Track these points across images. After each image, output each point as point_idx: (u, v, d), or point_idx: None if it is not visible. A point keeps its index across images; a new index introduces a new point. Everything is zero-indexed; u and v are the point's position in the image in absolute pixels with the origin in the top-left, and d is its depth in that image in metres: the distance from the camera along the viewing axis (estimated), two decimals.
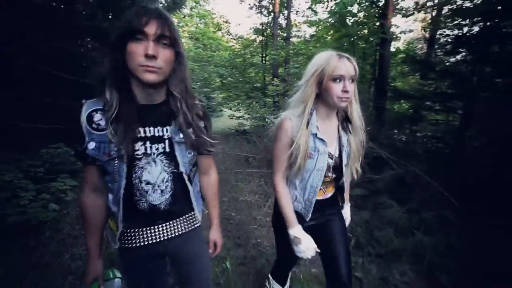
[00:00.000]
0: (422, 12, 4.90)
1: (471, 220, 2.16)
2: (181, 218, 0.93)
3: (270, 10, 11.13)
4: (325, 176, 1.12)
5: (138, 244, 0.87)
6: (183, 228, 0.93)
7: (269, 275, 1.56)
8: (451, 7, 3.65)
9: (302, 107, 1.06)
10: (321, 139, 1.08)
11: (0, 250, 2.01)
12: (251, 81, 9.74)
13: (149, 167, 0.81)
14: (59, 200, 2.49)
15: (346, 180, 1.22)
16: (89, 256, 0.90)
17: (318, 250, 1.10)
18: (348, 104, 1.04)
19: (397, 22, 7.16)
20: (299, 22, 12.62)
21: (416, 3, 4.46)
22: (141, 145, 0.80)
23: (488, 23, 2.75)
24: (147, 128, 0.80)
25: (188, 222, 0.95)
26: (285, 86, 7.01)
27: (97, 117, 0.77)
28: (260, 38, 11.05)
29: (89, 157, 0.78)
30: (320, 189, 1.14)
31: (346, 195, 1.30)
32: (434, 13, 4.87)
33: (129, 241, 0.87)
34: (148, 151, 0.81)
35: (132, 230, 0.86)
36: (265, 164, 4.40)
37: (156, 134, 0.82)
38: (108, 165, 0.79)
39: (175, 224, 0.91)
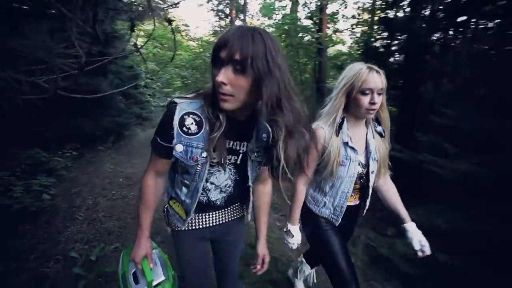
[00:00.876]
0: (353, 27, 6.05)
1: None
2: (232, 206, 1.02)
3: (227, 13, 11.73)
4: (355, 183, 1.17)
5: (192, 228, 0.98)
6: (233, 215, 1.03)
7: (302, 255, 1.73)
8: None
9: (333, 117, 1.11)
10: (352, 148, 1.13)
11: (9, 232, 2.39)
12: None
13: (218, 173, 0.88)
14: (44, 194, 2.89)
15: (384, 190, 1.26)
16: (142, 235, 0.93)
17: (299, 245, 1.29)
18: (378, 112, 1.12)
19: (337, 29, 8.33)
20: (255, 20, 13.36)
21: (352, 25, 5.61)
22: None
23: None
24: (227, 140, 0.82)
25: (238, 209, 1.05)
26: None
27: (188, 120, 0.78)
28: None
29: (171, 155, 0.82)
30: (351, 195, 1.20)
31: (402, 211, 1.21)
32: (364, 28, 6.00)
33: (186, 225, 0.97)
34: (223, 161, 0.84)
35: (191, 216, 0.95)
36: None
37: (234, 148, 0.85)
38: (192, 168, 0.83)
39: (226, 212, 1.01)
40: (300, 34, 5.40)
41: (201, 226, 0.98)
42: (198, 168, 0.83)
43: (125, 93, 7.90)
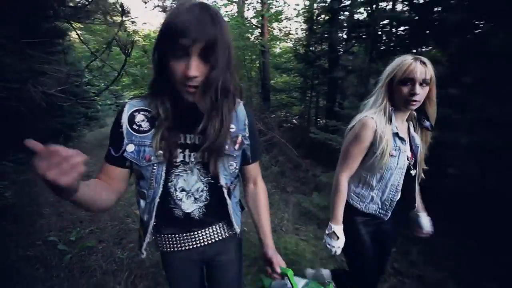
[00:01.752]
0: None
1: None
2: (216, 226, 0.89)
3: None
4: (412, 180, 1.13)
5: (175, 249, 0.86)
6: (218, 235, 0.89)
7: (330, 272, 1.58)
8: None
9: (382, 107, 1.07)
10: (402, 138, 1.09)
11: None
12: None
13: (185, 175, 0.77)
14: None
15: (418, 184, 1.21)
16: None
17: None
18: (426, 106, 1.07)
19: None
20: None
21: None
22: (180, 153, 0.75)
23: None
24: (187, 135, 0.75)
25: (224, 229, 0.90)
26: None
27: (139, 117, 0.72)
28: None
29: (126, 160, 0.73)
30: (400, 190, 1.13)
31: (420, 202, 1.25)
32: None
33: (168, 246, 0.86)
34: (187, 159, 0.76)
35: (171, 236, 0.84)
36: None
37: (197, 142, 0.75)
38: (146, 170, 0.74)
39: (210, 231, 0.87)
40: (246, 35, 6.04)
41: (185, 248, 0.86)
42: (154, 170, 0.73)
43: (67, 92, 7.58)
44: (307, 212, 2.86)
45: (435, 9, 2.52)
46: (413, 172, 1.13)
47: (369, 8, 3.50)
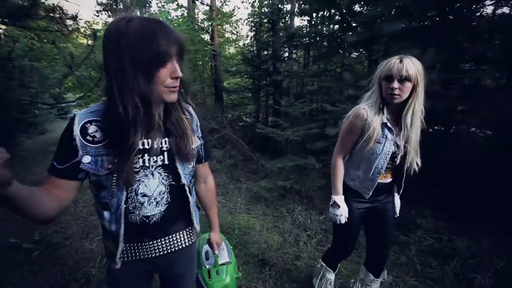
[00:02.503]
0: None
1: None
2: (173, 235, 0.89)
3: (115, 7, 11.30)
4: (388, 162, 1.27)
5: (126, 259, 0.83)
6: (175, 245, 0.90)
7: (321, 260, 1.67)
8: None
9: (374, 100, 1.22)
10: (390, 128, 1.22)
11: None
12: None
13: (146, 180, 0.77)
14: None
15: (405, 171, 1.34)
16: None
17: (346, 220, 1.35)
18: (410, 102, 1.16)
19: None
20: None
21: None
22: (139, 158, 0.75)
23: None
24: (145, 140, 0.75)
25: (181, 238, 0.91)
26: None
27: (92, 128, 0.71)
28: None
29: (78, 172, 0.71)
30: (384, 173, 1.30)
31: (401, 187, 1.41)
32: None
33: (122, 256, 0.83)
34: (146, 164, 0.77)
35: (127, 245, 0.82)
36: None
37: (155, 147, 0.77)
38: (106, 179, 0.73)
39: (167, 240, 0.87)
40: (197, 39, 6.36)
41: (137, 257, 0.85)
42: (114, 177, 0.73)
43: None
44: (256, 196, 3.38)
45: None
46: (397, 159, 1.27)
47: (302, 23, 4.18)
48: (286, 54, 5.32)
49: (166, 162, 0.80)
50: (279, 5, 4.56)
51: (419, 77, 1.12)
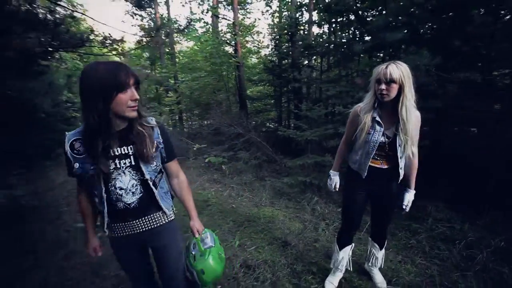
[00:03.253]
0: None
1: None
2: (151, 215, 1.16)
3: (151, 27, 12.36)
4: (381, 150, 1.50)
5: (119, 234, 1.14)
6: (154, 223, 1.17)
7: (335, 241, 1.92)
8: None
9: (369, 99, 1.47)
10: (378, 121, 1.46)
11: None
12: (145, 92, 10.89)
13: (120, 177, 1.05)
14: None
15: (406, 164, 1.55)
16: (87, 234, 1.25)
17: (337, 189, 1.85)
18: (398, 102, 1.36)
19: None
20: (183, 41, 14.22)
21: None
22: (112, 162, 1.03)
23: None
24: (115, 149, 1.03)
25: (158, 218, 1.18)
26: (177, 96, 8.82)
27: (77, 145, 1.01)
28: (147, 54, 12.19)
29: (77, 174, 1.03)
30: (377, 159, 1.55)
31: (411, 181, 1.60)
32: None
33: (114, 232, 1.14)
34: (118, 166, 1.04)
35: (116, 224, 1.12)
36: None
37: (123, 152, 1.05)
38: (91, 178, 1.02)
39: (146, 219, 1.15)
40: (222, 50, 6.95)
41: (127, 233, 1.13)
42: (96, 178, 1.01)
43: (45, 111, 7.88)
44: (280, 191, 3.71)
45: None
46: (386, 148, 1.49)
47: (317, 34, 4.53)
48: (306, 62, 5.67)
49: (133, 163, 1.07)
50: (297, 17, 4.95)
51: (403, 79, 1.32)
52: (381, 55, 3.21)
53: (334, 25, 5.26)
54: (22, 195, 3.53)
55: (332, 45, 3.96)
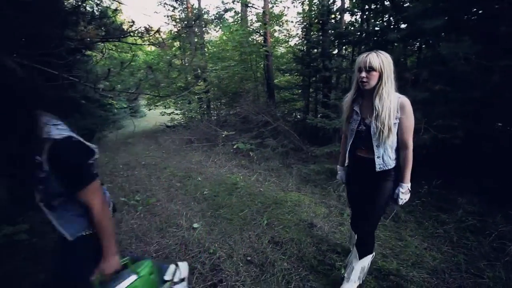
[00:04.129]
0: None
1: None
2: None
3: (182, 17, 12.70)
4: (362, 139, 1.52)
5: None
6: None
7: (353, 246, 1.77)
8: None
9: (353, 87, 1.51)
10: (356, 111, 1.52)
11: None
12: (175, 81, 11.32)
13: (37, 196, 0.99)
14: None
15: (400, 156, 1.51)
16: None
17: (344, 182, 1.87)
18: (376, 91, 1.38)
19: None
20: (212, 30, 14.47)
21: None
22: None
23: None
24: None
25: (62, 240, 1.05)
26: (206, 85, 9.10)
27: None
28: (178, 43, 12.57)
29: None
30: (363, 149, 1.54)
31: (403, 175, 1.50)
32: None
33: None
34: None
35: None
36: (204, 141, 6.49)
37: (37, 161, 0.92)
38: None
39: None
40: (251, 40, 7.03)
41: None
42: None
43: (87, 97, 8.54)
44: (306, 178, 3.82)
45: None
46: (363, 134, 1.51)
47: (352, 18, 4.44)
48: (336, 51, 5.60)
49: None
50: (329, 5, 4.88)
51: (383, 67, 1.35)
52: (417, 43, 3.11)
53: (367, 13, 5.12)
54: None
55: (364, 34, 3.88)
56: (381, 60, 1.35)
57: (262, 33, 6.84)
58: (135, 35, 4.58)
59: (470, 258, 2.07)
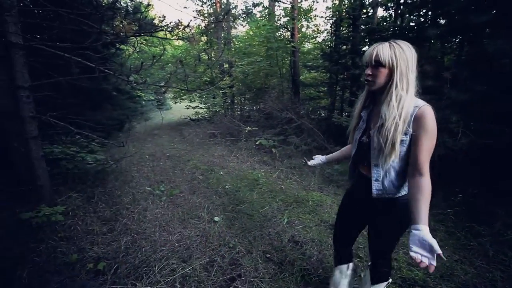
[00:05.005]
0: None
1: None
2: None
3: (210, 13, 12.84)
4: (364, 153, 1.20)
5: None
6: None
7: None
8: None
9: (364, 91, 1.23)
10: (361, 116, 1.23)
11: None
12: (201, 76, 11.52)
13: None
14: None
15: (408, 186, 1.05)
16: None
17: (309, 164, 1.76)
18: (385, 93, 1.07)
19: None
20: (238, 25, 14.52)
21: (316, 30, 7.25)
22: None
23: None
24: None
25: None
26: (231, 80, 9.16)
27: None
28: (205, 38, 12.76)
29: None
30: (365, 165, 1.23)
31: (415, 212, 0.95)
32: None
33: None
34: None
35: None
36: (227, 136, 6.57)
37: None
38: None
39: None
40: (279, 35, 6.95)
41: None
42: None
43: (118, 89, 8.93)
44: (329, 178, 3.73)
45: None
46: (365, 148, 1.20)
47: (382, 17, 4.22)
48: (366, 48, 5.37)
49: None
50: (362, 0, 4.67)
51: (395, 62, 1.03)
52: (457, 40, 2.88)
53: (401, 7, 4.84)
54: (104, 158, 4.21)
55: (398, 30, 3.67)
56: (393, 53, 1.03)
57: (289, 28, 6.71)
58: (166, 29, 4.71)
59: (508, 276, 1.91)
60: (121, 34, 3.21)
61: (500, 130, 2.18)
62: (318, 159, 1.74)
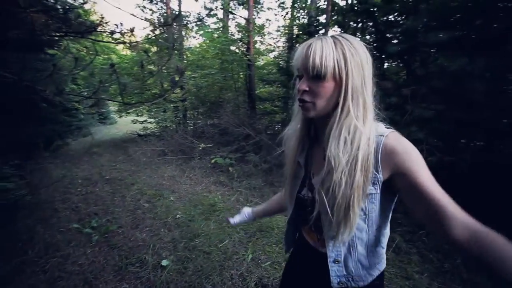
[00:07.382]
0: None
1: None
2: None
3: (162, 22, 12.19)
4: (310, 218, 0.72)
5: None
6: None
7: None
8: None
9: (296, 114, 0.79)
10: (298, 162, 0.79)
11: None
12: (150, 88, 10.66)
13: None
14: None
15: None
16: None
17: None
18: (331, 119, 0.66)
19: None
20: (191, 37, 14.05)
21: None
22: None
23: None
24: None
25: None
26: (184, 93, 8.59)
27: None
28: (155, 48, 11.98)
29: None
30: (312, 230, 0.81)
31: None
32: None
33: None
34: None
35: None
36: (178, 153, 5.95)
37: None
38: None
39: None
40: (233, 48, 6.72)
41: None
42: None
43: (49, 100, 7.68)
44: None
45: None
46: (308, 208, 0.79)
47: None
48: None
49: None
50: (317, 17, 4.73)
51: (344, 70, 0.61)
52: (416, 57, 2.96)
53: (352, 28, 5.04)
54: (13, 188, 3.29)
55: None
56: (342, 55, 0.61)
57: (245, 42, 6.55)
58: (104, 32, 4.03)
59: None
60: (38, 32, 2.54)
61: (463, 148, 2.17)
62: (244, 214, 1.14)
